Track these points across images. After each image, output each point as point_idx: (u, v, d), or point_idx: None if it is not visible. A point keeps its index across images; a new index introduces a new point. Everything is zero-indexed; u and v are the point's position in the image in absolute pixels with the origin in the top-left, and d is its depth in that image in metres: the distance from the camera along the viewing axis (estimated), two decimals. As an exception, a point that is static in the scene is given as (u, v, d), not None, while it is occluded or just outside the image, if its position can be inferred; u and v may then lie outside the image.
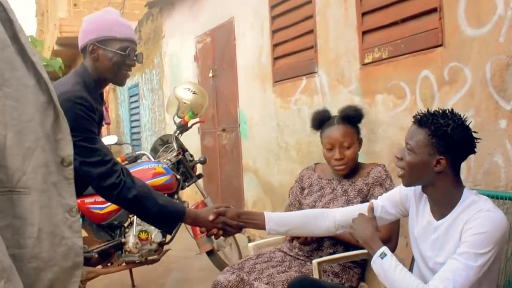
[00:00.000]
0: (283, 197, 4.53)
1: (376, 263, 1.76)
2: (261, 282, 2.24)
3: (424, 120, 1.71)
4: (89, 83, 2.00)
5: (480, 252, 1.58)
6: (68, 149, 1.17)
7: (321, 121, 2.53)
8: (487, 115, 2.46)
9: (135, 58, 2.06)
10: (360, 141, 2.51)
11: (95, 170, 1.85)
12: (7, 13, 1.05)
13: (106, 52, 1.99)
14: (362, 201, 2.36)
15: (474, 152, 1.74)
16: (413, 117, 1.79)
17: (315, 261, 2.22)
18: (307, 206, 2.52)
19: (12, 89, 1.04)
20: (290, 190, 2.71)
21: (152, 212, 1.94)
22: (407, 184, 1.82)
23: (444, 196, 1.74)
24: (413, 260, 2.35)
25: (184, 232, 3.98)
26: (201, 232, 2.09)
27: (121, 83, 2.15)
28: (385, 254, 1.75)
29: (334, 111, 2.63)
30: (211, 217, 2.01)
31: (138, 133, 9.71)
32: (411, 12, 2.90)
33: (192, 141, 6.19)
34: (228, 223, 2.03)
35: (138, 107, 9.54)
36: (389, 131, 3.12)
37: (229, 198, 5.79)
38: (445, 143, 1.67)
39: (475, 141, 1.73)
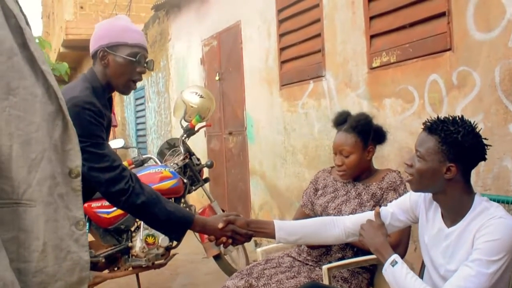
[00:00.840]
0: (290, 200, 4.53)
1: (387, 271, 1.75)
2: (270, 288, 2.23)
3: (434, 127, 1.70)
4: (97, 88, 2.00)
5: (492, 259, 1.56)
6: (77, 160, 1.15)
7: (335, 123, 2.54)
8: (496, 119, 2.45)
9: (145, 64, 2.06)
10: (369, 150, 2.47)
11: (104, 176, 1.84)
12: (17, 21, 1.04)
13: (116, 58, 1.99)
14: (375, 205, 2.36)
15: (484, 159, 1.73)
16: (423, 123, 1.78)
17: (325, 267, 2.22)
18: (319, 206, 2.52)
19: (19, 99, 1.02)
20: (304, 191, 2.71)
21: (161, 218, 1.92)
22: (416, 190, 1.81)
23: (455, 203, 1.72)
24: (422, 266, 2.35)
25: (190, 236, 3.97)
26: (210, 241, 2.06)
27: (126, 91, 2.14)
28: (396, 262, 1.74)
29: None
30: (220, 225, 1.99)
31: (144, 135, 9.73)
32: (419, 16, 2.89)
33: (198, 144, 6.20)
34: (238, 232, 2.01)
35: (144, 110, 9.57)
36: (398, 135, 3.11)
37: (236, 201, 5.79)
38: (456, 150, 1.66)
39: (486, 147, 1.71)
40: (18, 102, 1.03)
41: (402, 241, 2.34)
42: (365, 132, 2.44)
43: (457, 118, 1.71)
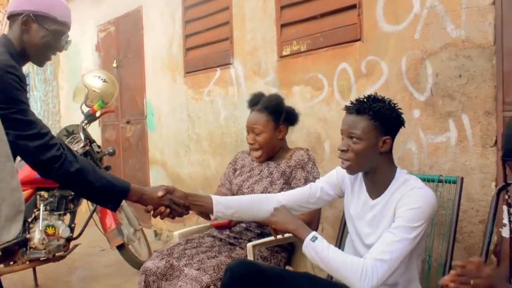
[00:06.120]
0: (194, 188, 4.51)
1: (308, 247, 1.79)
2: (192, 268, 2.22)
3: (362, 108, 1.82)
4: (13, 55, 1.83)
5: (414, 226, 1.70)
6: None
7: (250, 103, 2.66)
8: (402, 105, 2.58)
9: (64, 44, 1.95)
10: (281, 129, 2.58)
11: (32, 144, 1.68)
12: None
13: (40, 28, 1.85)
14: (285, 183, 2.47)
15: (404, 125, 1.90)
16: (346, 108, 1.89)
17: (249, 244, 2.26)
18: (235, 185, 2.60)
19: None
20: (223, 173, 2.75)
21: (96, 187, 1.81)
22: (355, 172, 1.91)
23: (382, 176, 1.86)
24: (336, 242, 2.48)
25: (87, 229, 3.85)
26: (147, 211, 1.99)
27: (41, 64, 2.01)
28: (316, 237, 1.80)
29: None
30: (160, 193, 1.93)
31: (27, 126, 9.09)
32: (330, 8, 3.03)
33: (91, 134, 5.93)
34: (176, 202, 1.97)
35: (28, 98, 8.92)
36: (306, 121, 3.23)
37: (134, 192, 5.63)
38: (386, 123, 1.81)
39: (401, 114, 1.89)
40: None
41: (314, 219, 2.47)
42: (277, 112, 2.57)
43: (373, 96, 1.88)
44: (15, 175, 1.34)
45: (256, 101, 2.63)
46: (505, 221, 1.69)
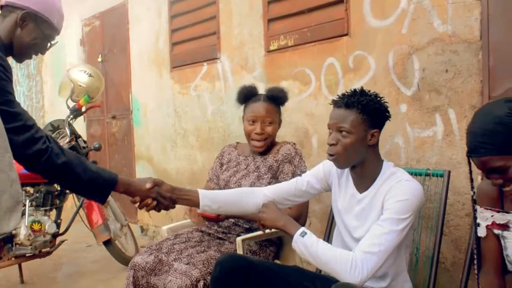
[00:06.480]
0: (181, 183, 4.49)
1: (297, 242, 1.80)
2: (181, 263, 2.23)
3: (351, 101, 1.83)
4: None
5: (402, 218, 1.72)
6: None
7: (247, 96, 2.60)
8: (389, 100, 2.62)
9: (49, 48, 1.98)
10: (279, 122, 2.60)
11: (19, 137, 1.63)
12: None
13: (35, 29, 1.85)
14: (272, 177, 2.47)
15: (390, 118, 1.91)
16: (334, 102, 1.90)
17: (239, 239, 2.27)
18: (222, 181, 2.59)
19: None
20: (210, 168, 2.74)
21: (84, 179, 1.79)
22: (344, 166, 1.92)
23: (369, 170, 1.87)
24: (324, 236, 2.50)
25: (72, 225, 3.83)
26: (133, 203, 1.97)
27: (21, 60, 1.99)
28: (305, 233, 1.81)
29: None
30: (148, 185, 1.93)
31: (10, 121, 8.98)
32: (317, 2, 3.03)
33: (76, 129, 5.88)
34: (163, 195, 1.96)
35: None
36: (294, 116, 3.24)
37: (120, 187, 5.60)
38: (374, 116, 1.83)
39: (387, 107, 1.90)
40: None
41: (303, 213, 2.48)
42: (282, 104, 2.59)
43: (359, 90, 1.89)
44: (13, 166, 1.36)
45: (252, 93, 2.60)
46: (478, 219, 1.70)
